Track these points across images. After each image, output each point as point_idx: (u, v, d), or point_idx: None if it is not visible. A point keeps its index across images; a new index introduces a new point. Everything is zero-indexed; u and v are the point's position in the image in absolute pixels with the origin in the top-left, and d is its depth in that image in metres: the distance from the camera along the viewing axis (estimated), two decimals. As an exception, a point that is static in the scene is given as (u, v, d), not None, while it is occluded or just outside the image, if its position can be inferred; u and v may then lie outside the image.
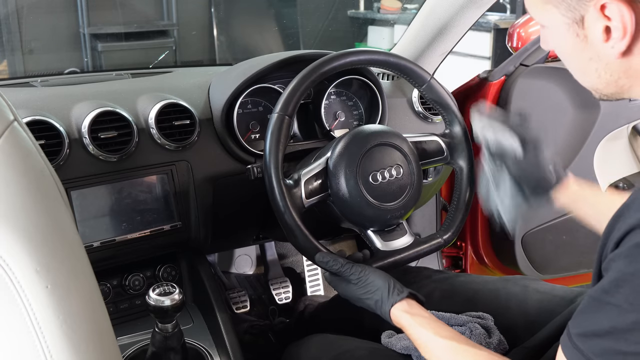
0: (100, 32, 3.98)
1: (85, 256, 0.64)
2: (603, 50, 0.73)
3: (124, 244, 1.23)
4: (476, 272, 2.02)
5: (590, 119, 1.77)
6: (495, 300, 1.17)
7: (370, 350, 1.11)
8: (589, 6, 0.72)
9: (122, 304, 1.33)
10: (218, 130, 1.30)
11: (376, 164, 1.14)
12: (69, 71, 1.85)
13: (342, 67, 1.18)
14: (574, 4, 0.73)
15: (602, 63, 0.75)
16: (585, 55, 0.76)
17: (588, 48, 0.75)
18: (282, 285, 1.88)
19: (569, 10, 0.74)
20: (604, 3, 0.70)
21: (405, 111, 1.56)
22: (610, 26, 0.71)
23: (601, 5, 0.70)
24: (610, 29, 0.71)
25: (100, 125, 1.20)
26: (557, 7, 0.75)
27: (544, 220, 1.85)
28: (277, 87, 1.33)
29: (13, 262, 0.56)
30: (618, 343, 0.64)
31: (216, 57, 4.49)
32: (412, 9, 4.81)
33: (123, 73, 1.56)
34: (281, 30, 4.71)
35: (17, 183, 0.58)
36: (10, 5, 3.75)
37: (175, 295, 1.03)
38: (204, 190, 1.29)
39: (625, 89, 0.77)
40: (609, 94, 0.79)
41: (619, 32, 0.70)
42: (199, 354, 1.20)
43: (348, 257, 1.10)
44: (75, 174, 1.17)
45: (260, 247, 1.95)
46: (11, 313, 0.56)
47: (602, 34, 0.72)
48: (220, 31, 4.44)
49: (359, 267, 1.05)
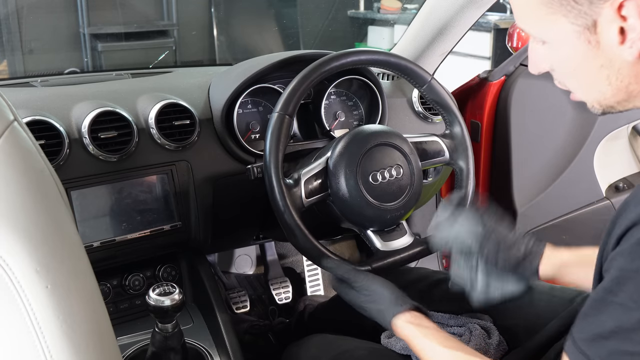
0: (100, 32, 3.97)
1: (85, 256, 0.64)
2: (616, 54, 0.70)
3: (124, 244, 1.23)
4: (476, 272, 2.02)
5: (590, 119, 1.77)
6: (495, 300, 1.17)
7: (370, 350, 1.11)
8: (603, 8, 0.68)
9: (122, 304, 1.33)
10: (218, 130, 1.30)
11: (376, 164, 1.14)
12: (69, 71, 1.85)
13: (342, 67, 1.18)
14: (585, 9, 0.69)
15: (614, 69, 0.72)
16: (597, 63, 0.73)
17: (600, 54, 0.72)
18: (282, 285, 1.88)
19: (580, 16, 0.70)
20: (621, 2, 0.67)
21: (405, 111, 1.56)
22: (625, 27, 0.68)
23: (619, 5, 0.67)
24: (625, 30, 0.68)
25: (100, 125, 1.20)
26: (565, 15, 0.71)
27: (544, 220, 1.85)
28: (277, 87, 1.33)
29: (13, 262, 0.56)
30: (624, 343, 0.63)
31: (216, 57, 4.49)
32: (412, 9, 4.81)
33: (123, 73, 1.56)
34: (281, 30, 4.71)
35: (17, 183, 0.58)
36: (10, 5, 3.75)
37: (175, 295, 1.03)
38: (204, 190, 1.29)
39: (633, 95, 0.74)
40: (614, 103, 0.77)
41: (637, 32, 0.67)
42: (199, 354, 1.20)
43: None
44: (75, 174, 1.17)
45: (260, 247, 1.95)
46: (11, 313, 0.56)
47: (618, 36, 0.69)
48: (220, 31, 4.44)
49: (362, 275, 1.05)
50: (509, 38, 2.09)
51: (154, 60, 3.91)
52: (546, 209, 1.84)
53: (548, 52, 0.77)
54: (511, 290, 1.02)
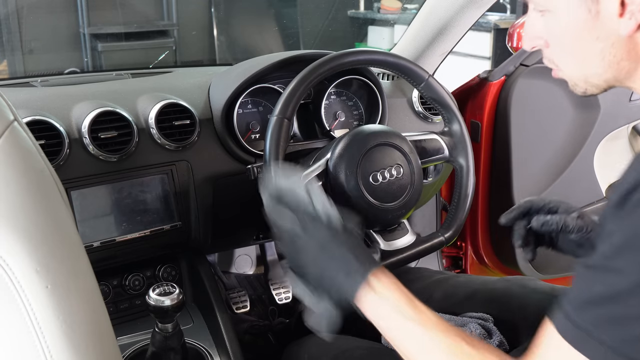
0: (100, 32, 3.98)
1: (85, 256, 0.64)
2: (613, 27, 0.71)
3: (124, 244, 1.23)
4: (476, 272, 2.02)
5: (590, 119, 1.78)
6: (495, 300, 1.17)
7: (370, 349, 1.11)
8: None
9: (122, 304, 1.33)
10: (218, 130, 1.30)
11: (376, 164, 1.14)
12: (69, 71, 1.85)
13: (341, 68, 1.18)
14: None
15: (609, 42, 0.73)
16: (593, 35, 0.73)
17: (597, 26, 0.72)
18: (282, 285, 1.88)
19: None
20: None
21: (405, 111, 1.56)
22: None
23: None
24: (625, 2, 0.69)
25: (101, 125, 1.20)
26: None
27: (544, 220, 1.85)
28: (277, 87, 1.33)
29: (13, 262, 0.56)
30: (617, 308, 0.62)
31: (216, 57, 4.49)
32: (412, 9, 4.81)
33: (123, 73, 1.56)
34: (281, 30, 4.71)
35: (17, 183, 0.58)
36: (10, 5, 3.75)
37: (175, 295, 1.03)
38: (204, 190, 1.29)
39: (624, 73, 0.75)
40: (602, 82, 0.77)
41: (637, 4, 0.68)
42: (199, 354, 1.20)
43: None
44: (75, 174, 1.17)
45: (260, 247, 1.95)
46: (11, 313, 0.56)
47: (618, 7, 0.69)
48: (220, 31, 4.44)
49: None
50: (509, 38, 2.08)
51: (154, 60, 3.91)
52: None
53: (546, 23, 0.78)
54: None
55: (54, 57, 3.97)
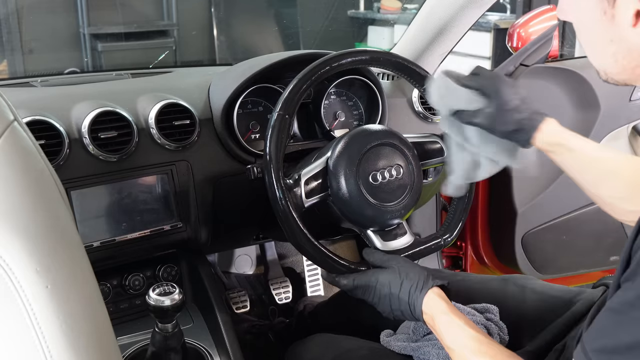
0: (100, 32, 3.98)
1: (85, 256, 0.64)
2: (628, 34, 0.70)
3: (124, 244, 1.23)
4: (476, 272, 2.02)
5: (590, 119, 1.77)
6: (494, 300, 1.17)
7: (372, 350, 1.11)
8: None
9: (122, 304, 1.33)
10: (218, 130, 1.30)
11: (376, 164, 1.14)
12: (69, 71, 1.85)
13: (342, 67, 1.18)
14: None
15: (623, 47, 0.72)
16: (607, 36, 0.73)
17: (612, 29, 0.72)
18: (282, 285, 1.89)
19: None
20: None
21: (405, 111, 1.56)
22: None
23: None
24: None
25: (100, 125, 1.20)
26: None
27: (544, 220, 1.85)
28: (277, 87, 1.33)
29: (13, 262, 0.56)
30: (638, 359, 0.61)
31: (216, 57, 4.49)
32: (412, 9, 4.81)
33: (123, 73, 1.56)
34: (281, 30, 4.71)
35: (17, 183, 0.58)
36: (10, 5, 3.75)
37: (175, 295, 1.03)
38: (204, 190, 1.29)
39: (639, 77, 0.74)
40: (619, 80, 0.77)
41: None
42: (199, 354, 1.20)
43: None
44: (75, 174, 1.17)
45: (260, 247, 1.95)
46: (11, 313, 0.56)
47: (632, 18, 0.68)
48: (220, 31, 4.44)
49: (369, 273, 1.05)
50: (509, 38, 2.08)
51: (154, 60, 3.91)
52: (546, 209, 1.84)
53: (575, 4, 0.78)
54: (500, 161, 1.04)
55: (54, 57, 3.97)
